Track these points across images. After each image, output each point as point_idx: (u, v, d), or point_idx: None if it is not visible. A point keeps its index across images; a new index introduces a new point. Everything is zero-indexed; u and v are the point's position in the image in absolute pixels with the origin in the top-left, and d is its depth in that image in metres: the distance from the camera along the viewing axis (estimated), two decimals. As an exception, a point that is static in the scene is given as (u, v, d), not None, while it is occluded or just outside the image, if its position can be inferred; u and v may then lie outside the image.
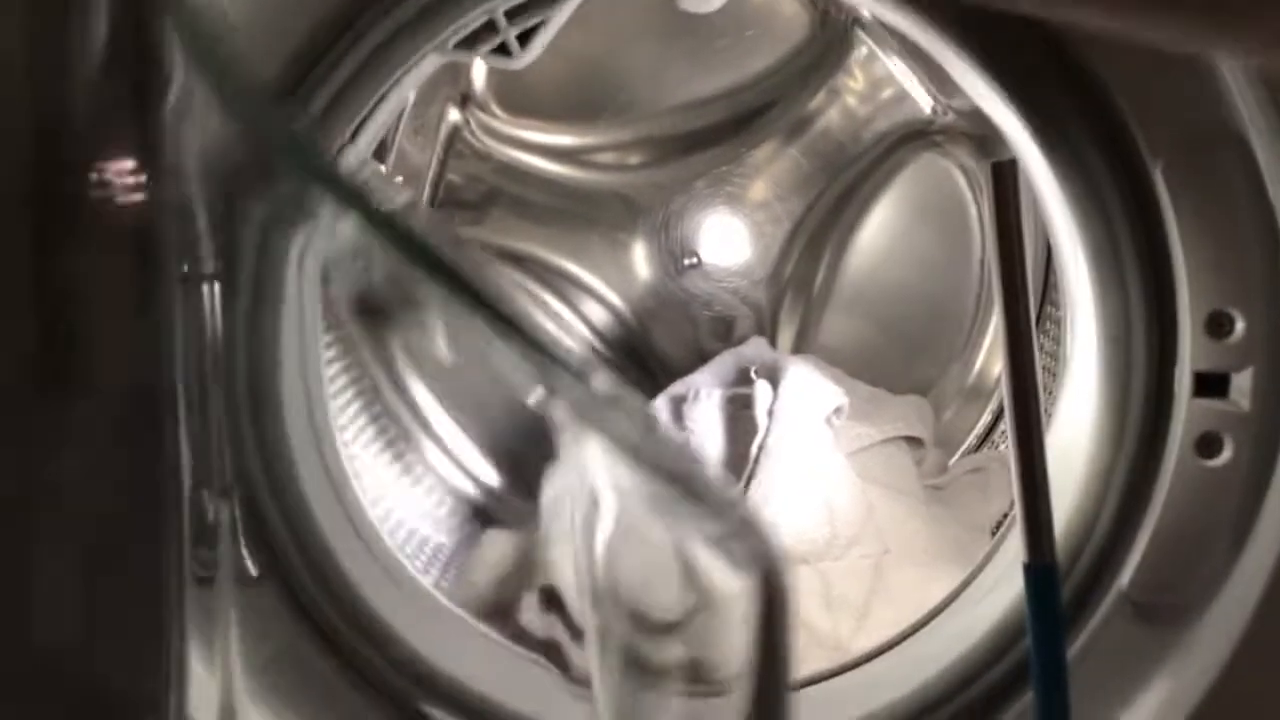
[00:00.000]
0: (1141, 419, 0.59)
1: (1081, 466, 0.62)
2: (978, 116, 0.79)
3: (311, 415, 0.77)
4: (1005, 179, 0.53)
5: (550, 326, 1.10)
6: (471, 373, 1.09)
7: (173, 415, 0.43)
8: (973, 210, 1.04)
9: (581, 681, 0.81)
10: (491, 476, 1.07)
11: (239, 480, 0.65)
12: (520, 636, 0.83)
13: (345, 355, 0.97)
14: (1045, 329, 0.98)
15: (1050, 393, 0.74)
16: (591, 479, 0.50)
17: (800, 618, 0.83)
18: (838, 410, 0.96)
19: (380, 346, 1.04)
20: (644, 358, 1.11)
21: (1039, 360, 0.53)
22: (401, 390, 1.04)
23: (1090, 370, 0.62)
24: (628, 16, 1.04)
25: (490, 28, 0.86)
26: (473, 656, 0.77)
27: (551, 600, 0.86)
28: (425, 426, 1.05)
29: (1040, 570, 0.53)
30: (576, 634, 0.85)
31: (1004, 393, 0.54)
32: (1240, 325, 0.55)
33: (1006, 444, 0.99)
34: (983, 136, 0.98)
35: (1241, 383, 0.56)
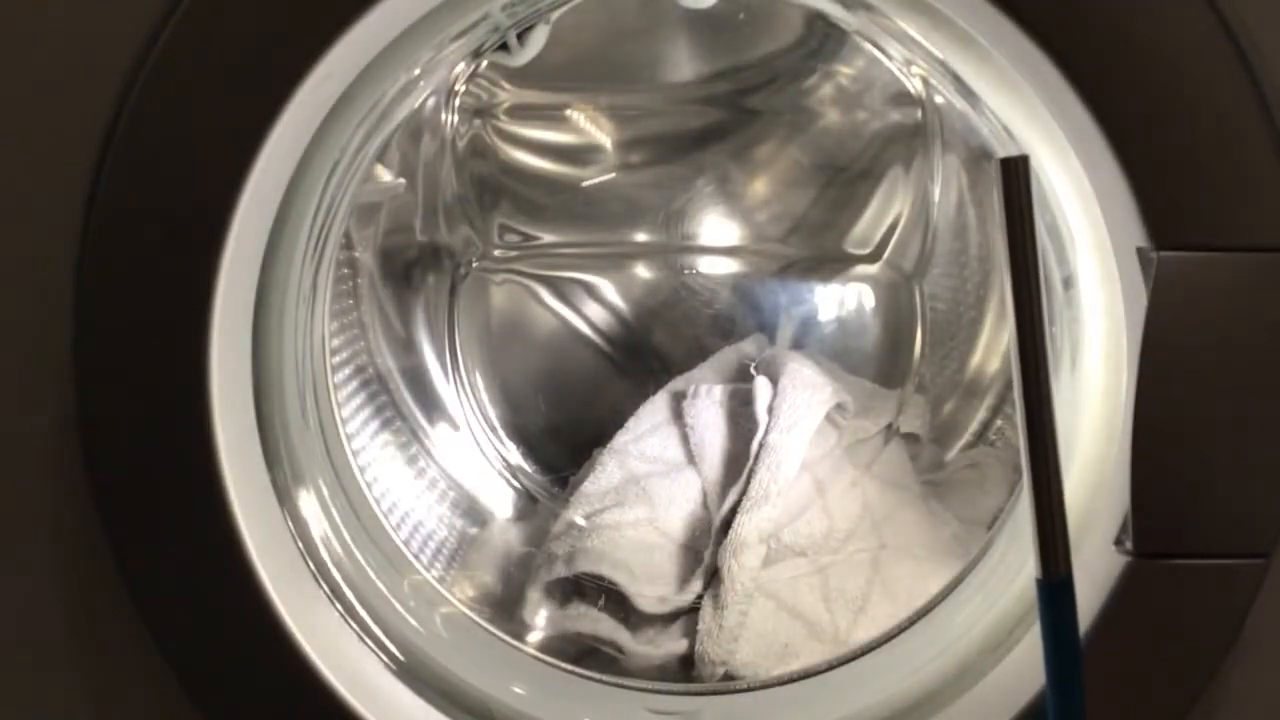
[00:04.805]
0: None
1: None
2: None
3: (316, 406, 0.78)
4: (1016, 176, 0.52)
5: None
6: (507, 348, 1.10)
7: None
8: (970, 209, 1.05)
9: (636, 672, 0.82)
10: (513, 459, 1.08)
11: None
12: (520, 634, 0.83)
13: (351, 344, 0.97)
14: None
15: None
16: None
17: (798, 611, 0.83)
18: (840, 407, 0.97)
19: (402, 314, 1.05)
20: (644, 355, 1.11)
21: (1051, 361, 0.53)
22: (412, 378, 1.05)
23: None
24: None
25: (490, 27, 0.87)
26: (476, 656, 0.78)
27: (586, 592, 0.86)
28: (436, 411, 1.06)
29: (1055, 586, 0.52)
30: (638, 622, 0.85)
31: (1015, 398, 0.52)
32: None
33: (1003, 441, 1.00)
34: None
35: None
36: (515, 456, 1.09)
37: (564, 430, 1.09)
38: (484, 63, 1.01)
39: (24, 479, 0.64)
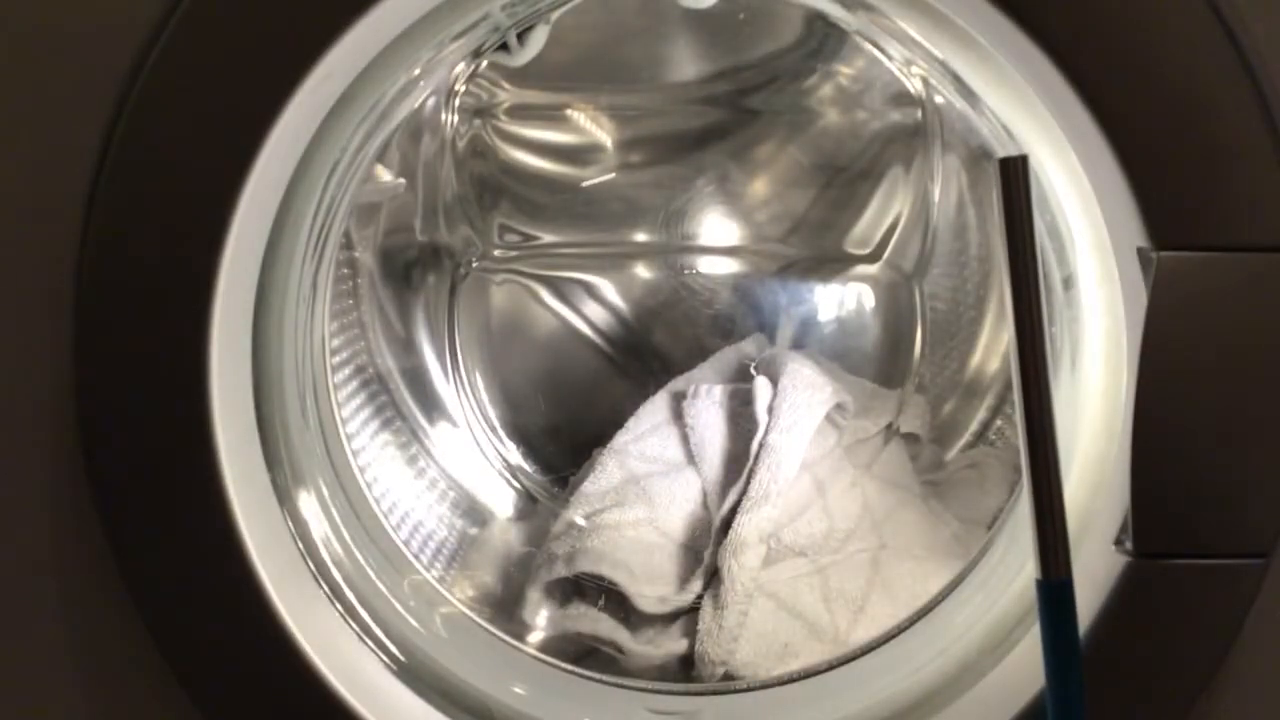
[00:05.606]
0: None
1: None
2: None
3: (316, 406, 0.78)
4: (1015, 176, 0.52)
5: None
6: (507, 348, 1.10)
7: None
8: (970, 209, 1.05)
9: (636, 672, 0.82)
10: (513, 459, 1.08)
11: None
12: (520, 634, 0.83)
13: (351, 344, 0.97)
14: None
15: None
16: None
17: (798, 611, 0.83)
18: (840, 407, 0.97)
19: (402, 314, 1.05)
20: (644, 355, 1.11)
21: (1051, 361, 0.53)
22: (412, 378, 1.05)
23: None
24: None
25: (490, 27, 0.87)
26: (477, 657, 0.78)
27: (586, 592, 0.86)
28: (436, 411, 1.06)
29: (1054, 586, 0.52)
30: (638, 622, 0.85)
31: (1015, 398, 0.53)
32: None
33: (1003, 441, 1.00)
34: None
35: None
36: (515, 456, 1.09)
37: (564, 430, 1.09)
38: (484, 63, 1.01)
39: (24, 479, 0.64)
